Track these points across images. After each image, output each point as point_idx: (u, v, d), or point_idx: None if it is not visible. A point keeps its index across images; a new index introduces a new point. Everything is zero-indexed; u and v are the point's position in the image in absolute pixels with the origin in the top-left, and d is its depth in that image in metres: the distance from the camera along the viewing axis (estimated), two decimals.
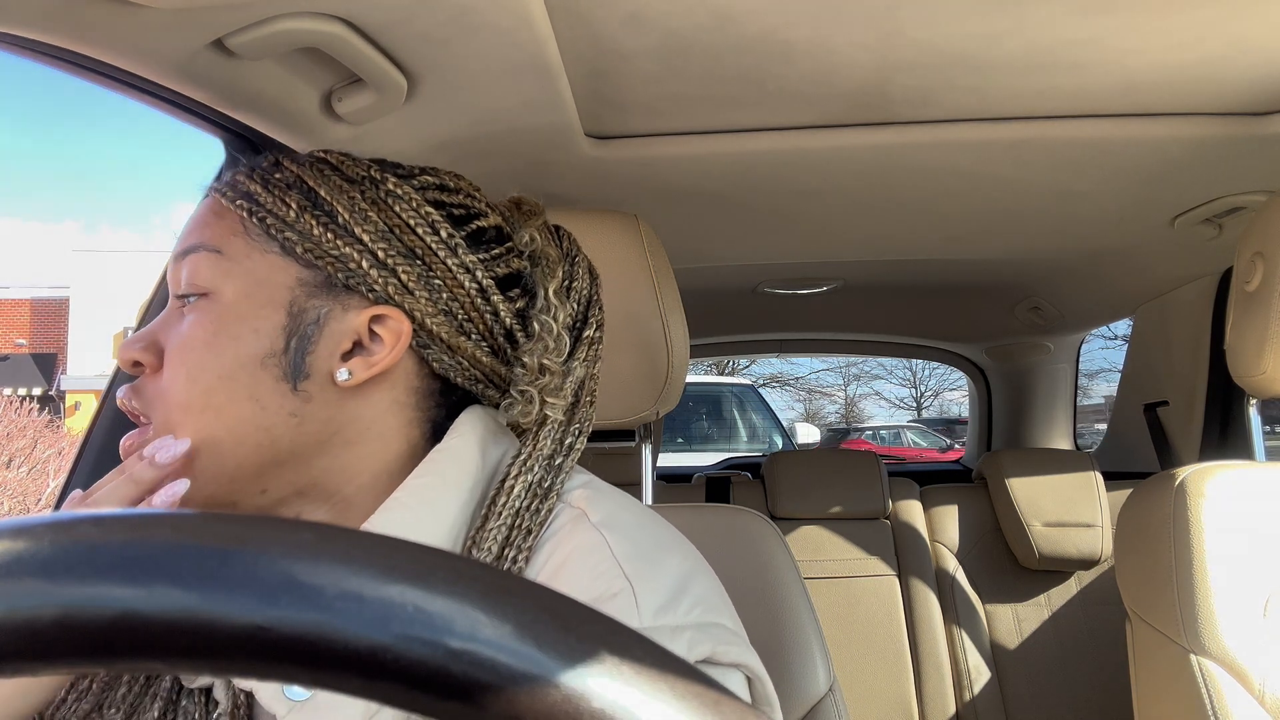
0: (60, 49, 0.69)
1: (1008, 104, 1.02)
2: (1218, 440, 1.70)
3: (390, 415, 0.55)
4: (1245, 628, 0.84)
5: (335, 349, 0.53)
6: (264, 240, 0.53)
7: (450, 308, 0.54)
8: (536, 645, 0.19)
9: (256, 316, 0.52)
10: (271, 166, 0.56)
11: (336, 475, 0.54)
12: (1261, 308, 0.88)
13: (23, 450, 6.25)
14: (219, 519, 0.20)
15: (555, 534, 0.52)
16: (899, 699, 1.75)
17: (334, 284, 0.53)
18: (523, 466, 0.53)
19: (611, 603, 0.46)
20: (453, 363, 0.56)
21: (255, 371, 0.51)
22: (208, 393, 0.50)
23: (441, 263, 0.54)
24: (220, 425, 0.50)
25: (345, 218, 0.53)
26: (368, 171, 0.56)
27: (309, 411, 0.52)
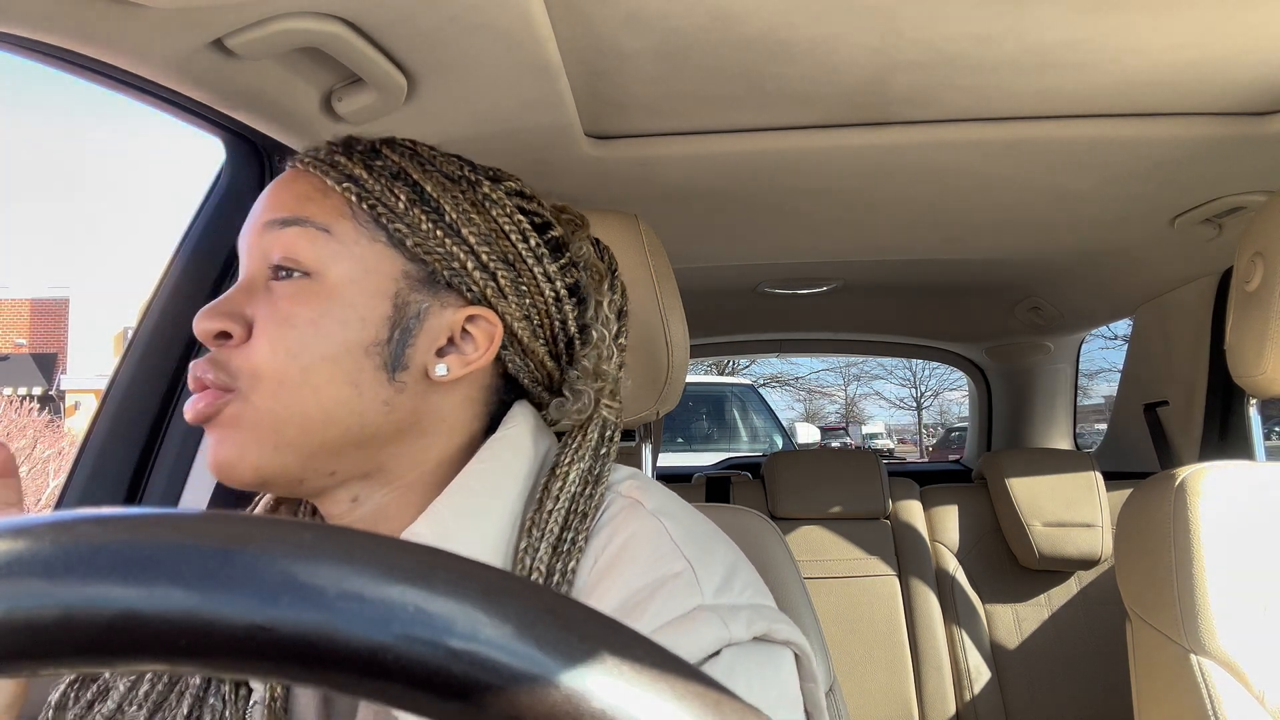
0: (60, 49, 0.69)
1: (1007, 104, 1.02)
2: (1218, 440, 1.70)
3: (463, 409, 0.56)
4: (1245, 628, 0.84)
5: (432, 344, 0.54)
6: (372, 227, 0.53)
7: (530, 314, 0.57)
8: (537, 645, 0.19)
9: (365, 305, 0.52)
10: (371, 151, 0.56)
11: (403, 462, 0.55)
12: (1261, 308, 0.88)
13: (23, 450, 6.24)
14: (220, 519, 0.20)
15: (611, 520, 0.53)
16: (899, 699, 1.75)
17: (436, 280, 0.54)
18: (575, 455, 0.55)
19: (675, 581, 0.48)
20: (523, 365, 0.58)
21: (359, 358, 0.52)
22: (307, 371, 0.51)
23: (529, 270, 0.56)
24: (315, 404, 0.51)
25: (452, 216, 0.54)
26: (462, 170, 0.57)
27: (399, 401, 0.53)
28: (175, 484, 0.96)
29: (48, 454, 6.34)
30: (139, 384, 0.97)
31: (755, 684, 0.47)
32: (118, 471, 0.94)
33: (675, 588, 0.48)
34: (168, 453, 0.96)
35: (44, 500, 5.69)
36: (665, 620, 0.47)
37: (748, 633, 0.48)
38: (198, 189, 1.04)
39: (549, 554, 0.50)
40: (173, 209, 28.99)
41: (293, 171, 0.56)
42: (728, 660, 0.47)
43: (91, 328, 15.38)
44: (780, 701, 0.48)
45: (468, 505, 0.52)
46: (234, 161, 1.01)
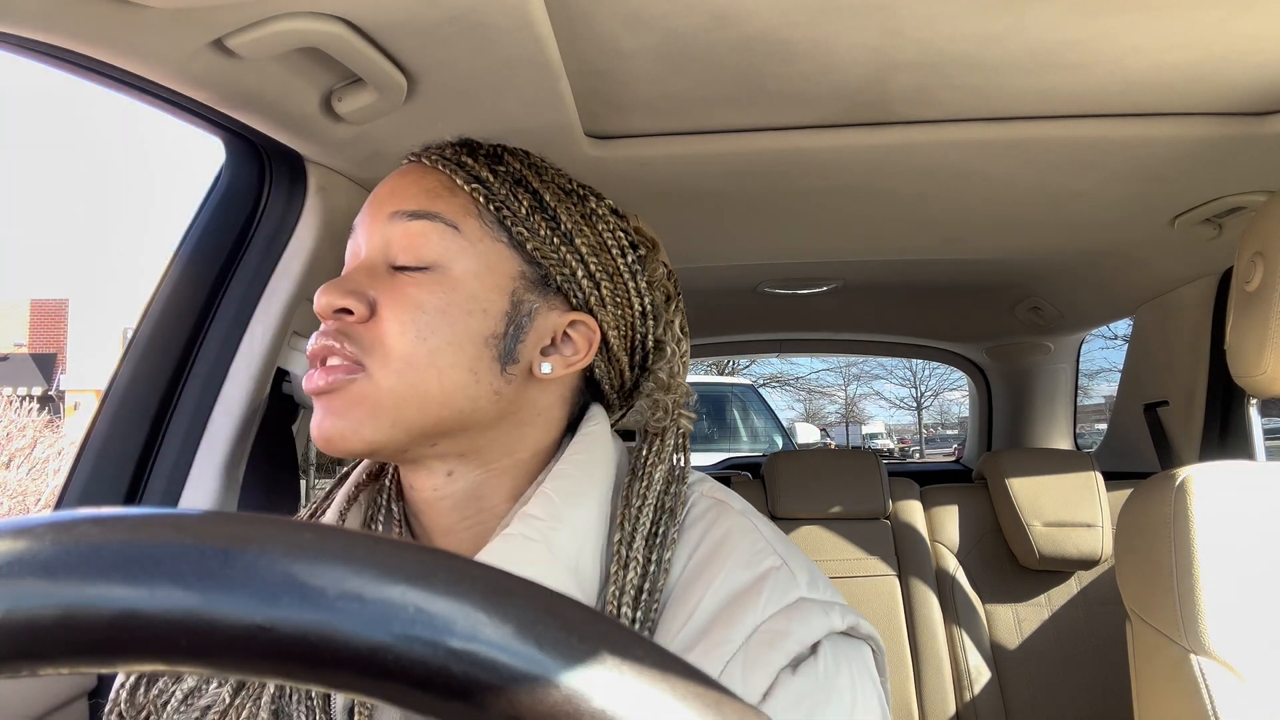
0: (60, 49, 0.69)
1: (1008, 104, 1.02)
2: (1218, 440, 1.70)
3: (555, 406, 0.61)
4: (1245, 628, 0.84)
5: (539, 342, 0.58)
6: (496, 228, 0.57)
7: (619, 324, 0.61)
8: (538, 645, 0.19)
9: (486, 298, 0.56)
10: (494, 156, 0.60)
11: (500, 448, 0.58)
12: (1261, 308, 0.88)
13: (23, 450, 6.24)
14: (221, 518, 0.20)
15: (701, 518, 0.57)
16: (899, 699, 1.75)
17: (548, 284, 0.58)
18: (657, 457, 0.59)
19: (776, 574, 0.52)
20: (607, 371, 0.62)
21: (479, 347, 0.55)
22: (434, 353, 0.54)
23: (624, 284, 0.61)
24: (438, 385, 0.54)
25: (568, 226, 0.58)
26: (573, 185, 0.61)
27: (507, 392, 0.57)
28: (175, 484, 0.96)
29: (48, 454, 6.34)
30: (139, 384, 0.97)
31: (856, 671, 0.51)
32: (118, 471, 0.94)
33: (778, 580, 0.52)
34: (168, 453, 0.96)
35: (44, 500, 5.69)
36: (778, 608, 0.50)
37: (843, 624, 0.51)
38: (198, 189, 1.04)
39: (643, 545, 0.54)
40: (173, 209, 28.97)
41: (417, 166, 0.59)
42: (830, 648, 0.50)
43: (92, 328, 15.37)
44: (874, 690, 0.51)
45: (571, 492, 0.55)
46: (234, 161, 1.01)
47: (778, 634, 0.49)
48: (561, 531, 0.53)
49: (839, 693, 0.48)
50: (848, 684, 0.49)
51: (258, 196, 1.02)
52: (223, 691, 0.55)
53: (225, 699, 0.55)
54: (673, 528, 0.55)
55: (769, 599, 0.50)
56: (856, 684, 0.50)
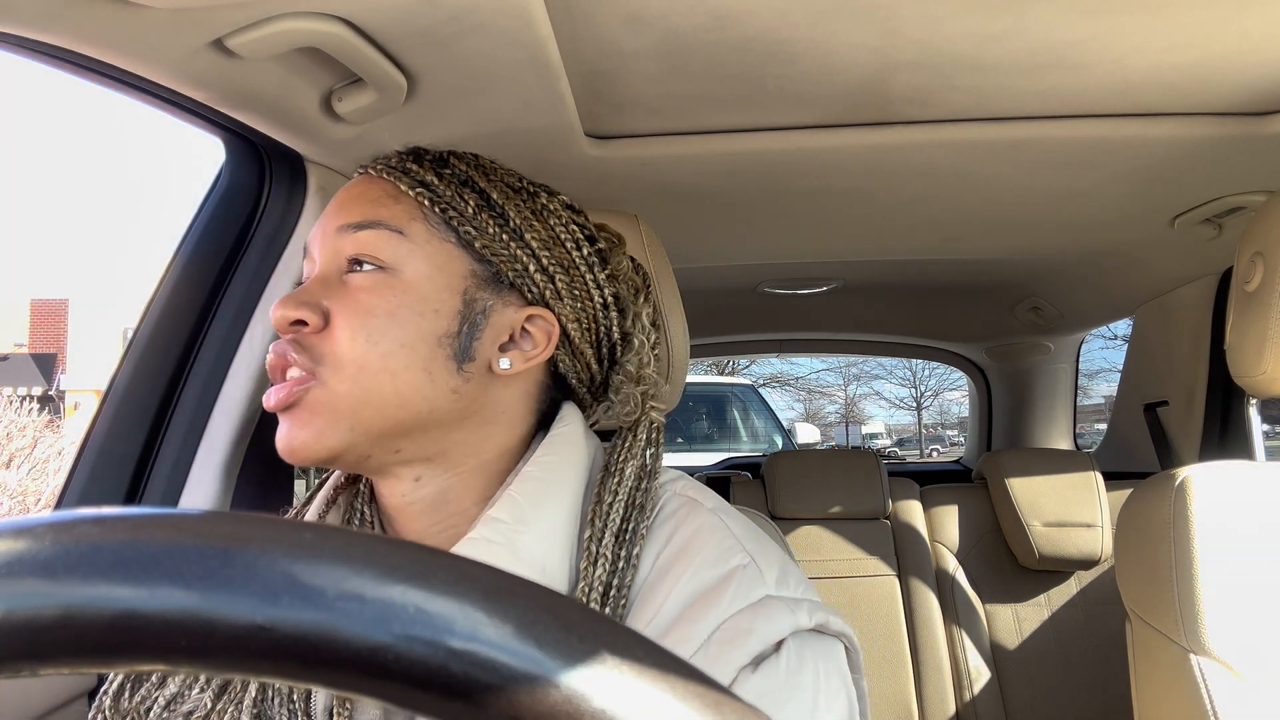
0: (60, 49, 0.69)
1: (1008, 104, 1.02)
2: (1218, 440, 1.70)
3: (519, 403, 0.61)
4: (1245, 628, 0.84)
5: (496, 339, 0.58)
6: (443, 229, 0.58)
7: (580, 317, 0.61)
8: (538, 645, 0.19)
9: (437, 298, 0.56)
10: (439, 161, 0.60)
11: (466, 449, 0.59)
12: (1261, 308, 0.88)
13: (23, 450, 6.24)
14: (221, 518, 0.20)
15: (673, 515, 0.58)
16: (899, 699, 1.75)
17: (501, 281, 0.58)
18: (628, 454, 0.59)
19: (743, 572, 0.52)
20: (572, 365, 0.62)
21: (432, 347, 0.56)
22: (386, 356, 0.54)
23: (582, 276, 0.61)
24: (392, 388, 0.55)
25: (517, 222, 0.59)
26: (522, 183, 0.62)
27: (466, 390, 0.57)
28: (175, 484, 0.96)
29: (48, 454, 6.34)
30: (139, 384, 0.97)
31: (821, 669, 0.50)
32: (118, 471, 0.94)
33: (744, 578, 0.52)
34: (168, 453, 0.96)
35: (44, 500, 5.69)
36: (741, 606, 0.50)
37: (810, 621, 0.51)
38: (198, 189, 1.04)
39: (613, 541, 0.54)
40: (173, 209, 29.00)
41: (364, 178, 0.60)
42: (796, 646, 0.50)
43: (92, 328, 15.37)
44: (841, 687, 0.51)
45: (539, 494, 0.55)
46: (234, 161, 1.01)
47: (740, 632, 0.49)
48: (526, 534, 0.53)
49: (801, 690, 0.48)
50: (810, 682, 0.49)
51: (258, 196, 1.02)
52: (205, 696, 0.55)
53: (207, 704, 0.55)
54: (643, 523, 0.55)
55: (733, 597, 0.51)
56: (821, 682, 0.50)
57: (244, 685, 0.55)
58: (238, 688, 0.55)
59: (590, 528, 0.54)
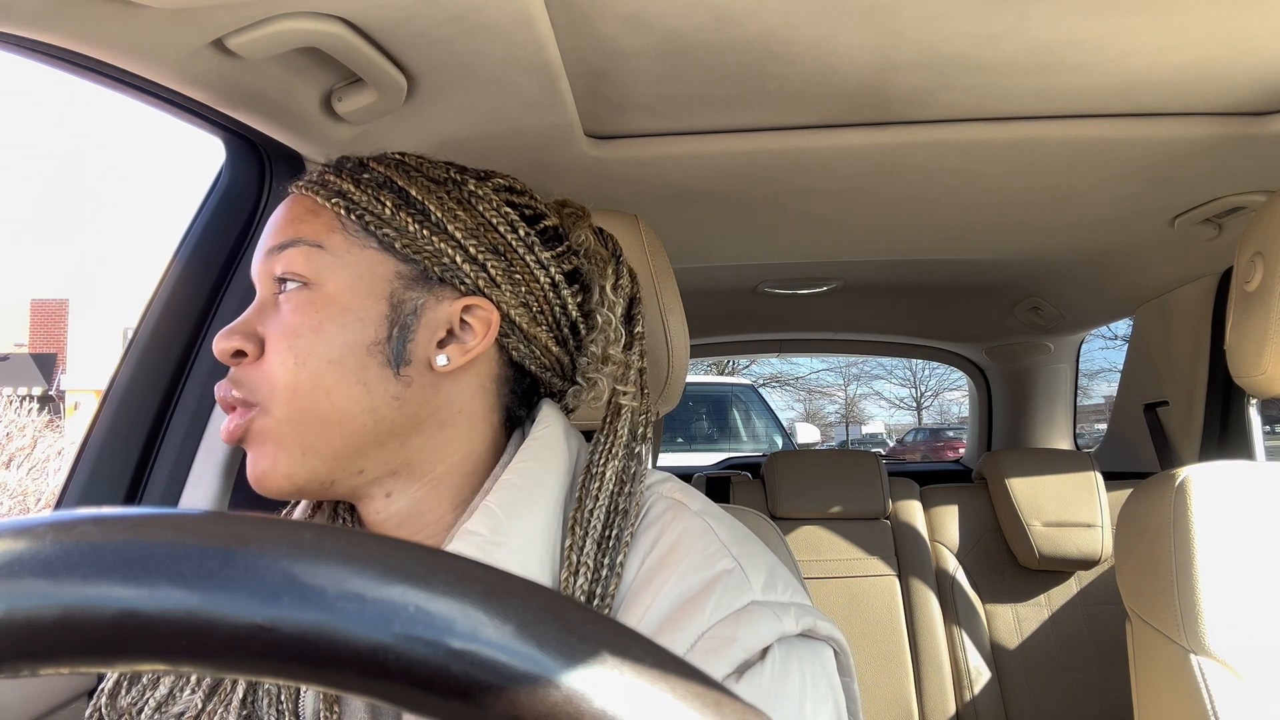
0: (60, 49, 0.69)
1: (1007, 104, 1.02)
2: (1218, 440, 1.70)
3: (478, 399, 0.59)
4: (1245, 628, 0.84)
5: (432, 337, 0.56)
6: (362, 236, 0.56)
7: (527, 300, 0.59)
8: (538, 645, 0.19)
9: (361, 306, 0.55)
10: (358, 167, 0.59)
11: (430, 455, 0.57)
12: (1261, 308, 0.88)
13: (23, 450, 6.24)
14: (221, 519, 0.20)
15: (658, 519, 0.56)
16: (899, 699, 1.75)
17: (429, 277, 0.57)
18: (609, 454, 0.57)
19: (728, 578, 0.51)
20: (528, 351, 0.60)
21: (362, 357, 0.54)
22: (316, 375, 0.54)
23: (521, 259, 0.59)
24: (330, 405, 0.54)
25: (438, 215, 0.57)
26: (448, 173, 0.60)
27: (409, 395, 0.56)
28: (175, 484, 0.96)
29: (48, 454, 6.34)
30: (139, 384, 0.97)
31: (808, 675, 0.50)
32: (118, 471, 0.94)
33: (729, 584, 0.51)
34: (168, 453, 0.96)
35: (44, 500, 5.69)
36: (725, 613, 0.49)
37: (797, 627, 0.50)
38: (198, 189, 1.04)
39: (595, 549, 0.53)
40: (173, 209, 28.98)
41: (290, 198, 0.60)
42: (781, 653, 0.49)
43: (92, 328, 15.38)
44: (829, 693, 0.51)
45: (516, 503, 0.54)
46: (234, 161, 1.01)
47: (723, 640, 0.48)
48: (504, 546, 0.52)
49: (787, 698, 0.48)
50: (797, 689, 0.48)
51: (258, 196, 1.02)
52: (195, 697, 0.55)
53: (198, 704, 0.55)
54: (626, 530, 0.54)
55: (717, 604, 0.50)
56: (808, 688, 0.49)
57: (234, 686, 0.55)
58: (228, 688, 0.55)
59: (571, 535, 0.53)
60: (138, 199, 34.44)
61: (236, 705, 0.54)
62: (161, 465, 0.96)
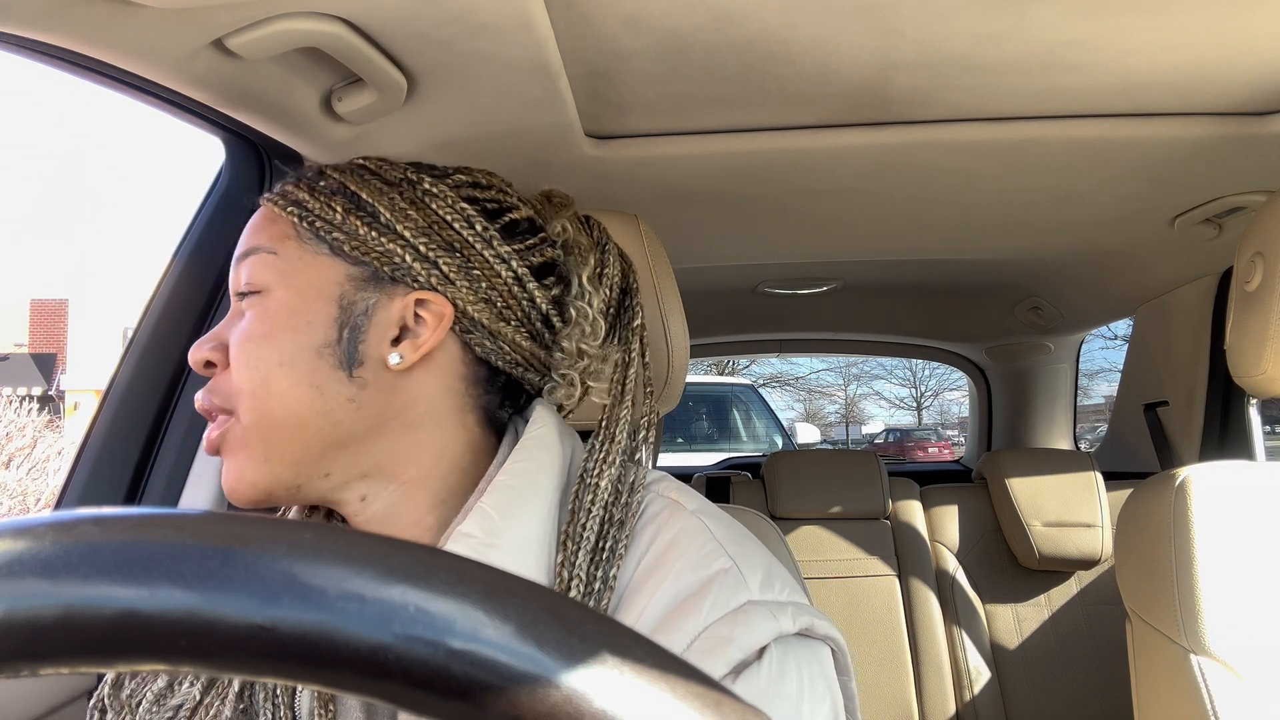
0: (60, 49, 0.69)
1: (1007, 104, 1.02)
2: (1218, 440, 1.70)
3: (444, 399, 0.58)
4: (1245, 628, 0.85)
5: (384, 336, 0.56)
6: (314, 242, 0.57)
7: (489, 296, 0.58)
8: (538, 645, 0.19)
9: (309, 309, 0.55)
10: (316, 175, 0.60)
11: (399, 458, 0.57)
12: (1261, 308, 0.88)
13: (23, 450, 6.25)
14: (221, 519, 0.20)
15: (653, 519, 0.56)
16: (899, 699, 1.75)
17: (380, 278, 0.57)
18: (604, 463, 0.56)
19: (724, 577, 0.51)
20: (494, 347, 0.59)
21: (312, 360, 0.55)
22: (268, 379, 0.54)
23: (479, 254, 0.58)
24: (284, 409, 0.54)
25: (387, 217, 0.57)
26: (404, 174, 0.60)
27: (366, 397, 0.56)
28: (175, 484, 0.96)
29: (48, 454, 6.34)
30: (139, 384, 0.97)
31: (805, 676, 0.49)
32: (118, 471, 0.94)
33: (725, 583, 0.50)
34: (167, 453, 0.96)
35: (44, 500, 5.69)
36: (722, 613, 0.49)
37: (794, 626, 0.50)
38: (198, 189, 1.04)
39: (588, 562, 0.52)
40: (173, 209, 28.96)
41: (259, 209, 0.61)
42: (778, 652, 0.49)
43: (92, 328, 15.37)
44: (826, 693, 0.50)
45: (510, 504, 0.53)
46: (234, 162, 1.01)
47: (720, 640, 0.47)
48: (498, 549, 0.51)
49: (784, 699, 0.47)
50: (794, 689, 0.48)
51: (258, 197, 1.02)
52: (194, 690, 0.56)
53: (195, 697, 0.55)
54: (621, 541, 0.53)
55: (713, 604, 0.49)
56: (805, 688, 0.49)
57: (231, 679, 0.55)
58: (225, 682, 0.55)
59: (563, 551, 0.53)
60: (138, 199, 34.41)
61: (233, 699, 0.55)
62: (161, 465, 0.96)
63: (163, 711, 0.56)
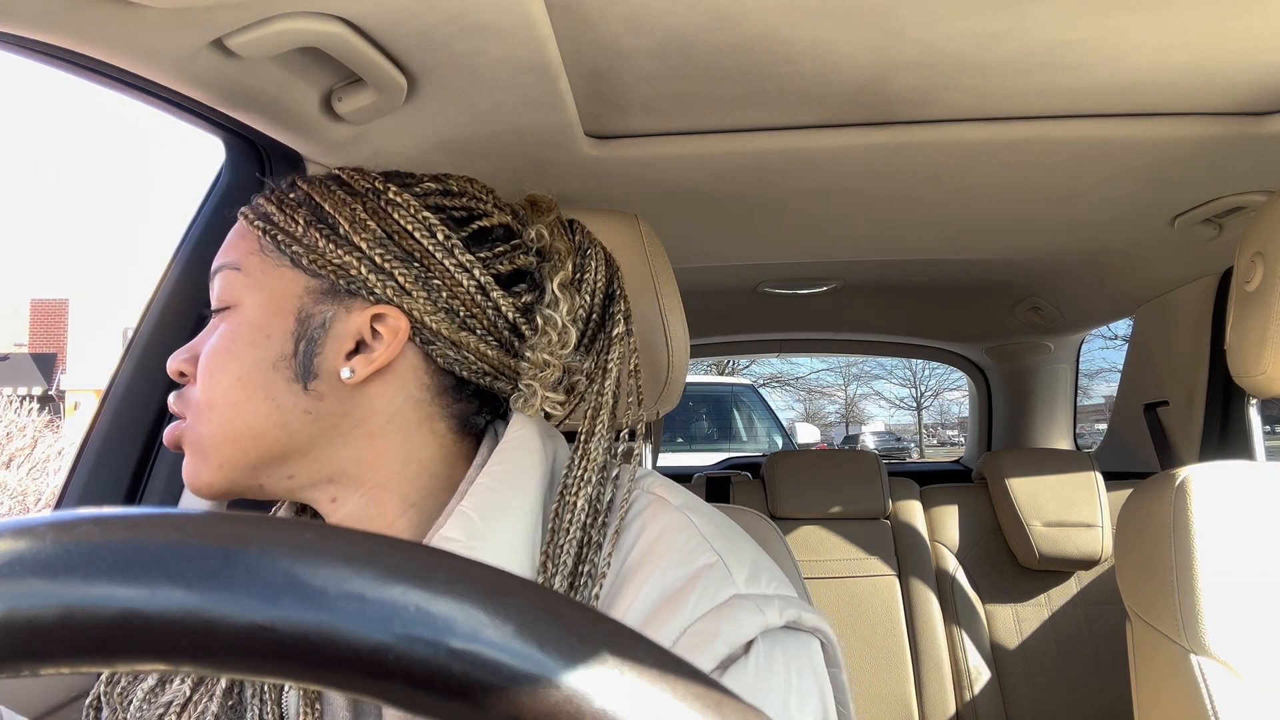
0: (60, 49, 0.69)
1: (1008, 104, 1.02)
2: (1218, 440, 1.70)
3: (408, 409, 0.58)
4: (1245, 628, 0.85)
5: (340, 350, 0.56)
6: (276, 255, 0.57)
7: (451, 305, 0.57)
8: (539, 645, 0.19)
9: (269, 324, 0.56)
10: (288, 187, 0.60)
11: (364, 464, 0.57)
12: (1261, 308, 0.88)
13: (23, 450, 6.25)
14: (221, 519, 0.20)
15: (640, 514, 0.56)
16: (899, 699, 1.75)
17: (338, 290, 0.57)
18: (580, 481, 0.56)
19: (710, 572, 0.51)
20: (458, 357, 0.58)
21: (269, 374, 0.55)
22: (227, 392, 0.55)
23: (439, 264, 0.57)
24: (240, 421, 0.55)
25: (345, 228, 0.57)
26: (371, 184, 0.59)
27: (322, 409, 0.56)
28: (175, 484, 0.96)
29: (48, 454, 6.34)
30: (139, 384, 0.97)
31: (793, 668, 0.49)
32: (117, 471, 0.94)
33: (711, 578, 0.50)
34: (167, 453, 0.96)
35: (44, 500, 5.69)
36: (707, 609, 0.49)
37: (781, 619, 0.50)
38: (198, 189, 1.04)
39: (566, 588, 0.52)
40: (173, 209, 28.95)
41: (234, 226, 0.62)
42: (765, 646, 0.49)
43: (92, 328, 15.37)
44: (815, 686, 0.50)
45: (492, 506, 0.53)
46: (234, 161, 1.01)
47: (705, 636, 0.47)
48: (480, 552, 0.51)
49: (771, 693, 0.47)
50: (781, 683, 0.48)
51: (258, 196, 1.02)
52: (183, 687, 0.56)
53: (185, 693, 0.56)
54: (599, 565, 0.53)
55: (698, 599, 0.49)
56: (793, 682, 0.48)
57: (218, 677, 0.56)
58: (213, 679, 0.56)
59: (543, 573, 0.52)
60: (138, 199, 34.37)
61: (220, 695, 0.55)
62: (161, 465, 0.96)
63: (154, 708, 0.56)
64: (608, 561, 0.53)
